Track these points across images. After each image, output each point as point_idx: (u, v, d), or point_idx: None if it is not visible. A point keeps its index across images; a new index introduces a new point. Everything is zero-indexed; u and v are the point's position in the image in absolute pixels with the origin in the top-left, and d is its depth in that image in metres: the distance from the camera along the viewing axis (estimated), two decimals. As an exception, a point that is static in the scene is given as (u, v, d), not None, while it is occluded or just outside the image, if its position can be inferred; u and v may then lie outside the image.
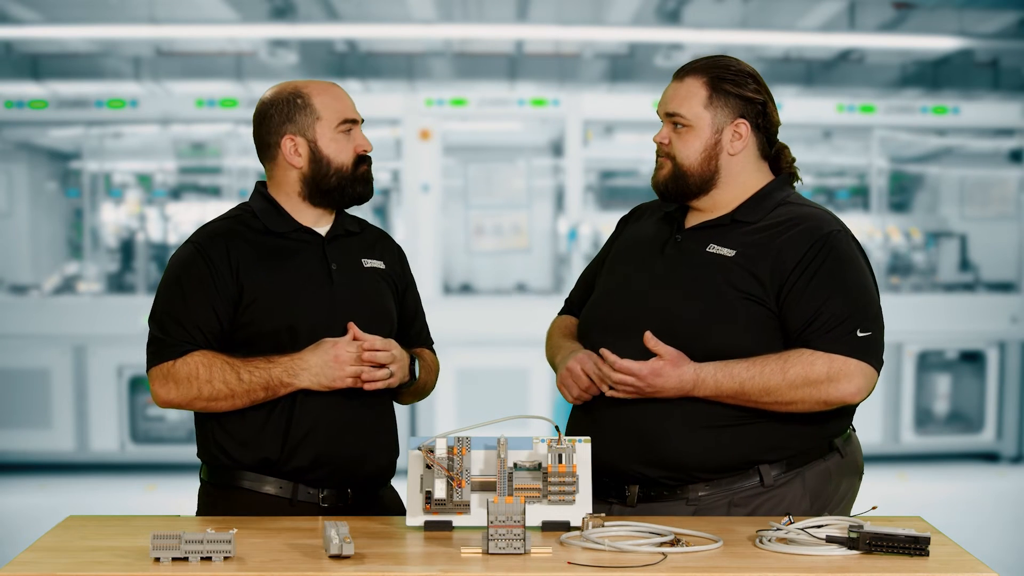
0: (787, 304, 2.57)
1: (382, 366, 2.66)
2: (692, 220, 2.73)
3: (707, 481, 2.59)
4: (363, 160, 2.77)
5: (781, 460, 2.61)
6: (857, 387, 2.54)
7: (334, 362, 2.63)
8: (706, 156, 2.66)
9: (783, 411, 2.56)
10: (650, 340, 2.56)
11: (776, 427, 2.59)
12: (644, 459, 2.60)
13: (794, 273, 2.57)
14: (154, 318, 2.71)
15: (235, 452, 2.69)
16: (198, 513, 2.75)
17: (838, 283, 2.57)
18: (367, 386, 2.66)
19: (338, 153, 2.74)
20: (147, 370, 2.70)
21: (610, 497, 2.65)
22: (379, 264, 2.84)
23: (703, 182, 2.67)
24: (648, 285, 2.68)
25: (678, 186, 2.68)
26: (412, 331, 2.91)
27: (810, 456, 2.64)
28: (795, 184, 2.77)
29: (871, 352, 2.56)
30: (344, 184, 2.75)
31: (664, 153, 2.71)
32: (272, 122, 2.76)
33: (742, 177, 2.69)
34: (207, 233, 2.76)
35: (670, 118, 2.69)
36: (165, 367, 2.65)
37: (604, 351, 2.60)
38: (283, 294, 2.69)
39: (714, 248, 2.64)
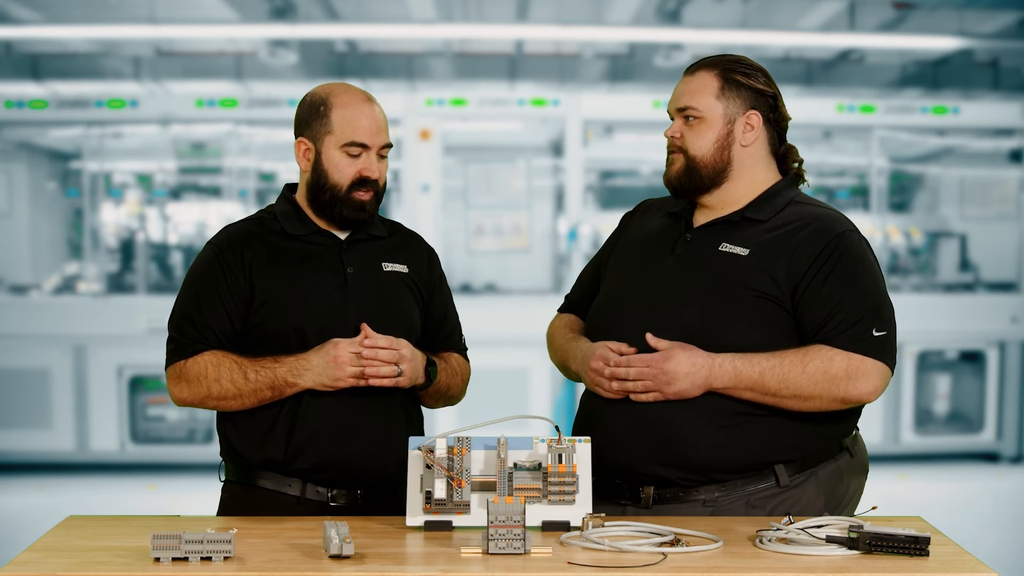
0: (802, 304, 2.58)
1: (389, 364, 2.66)
2: (701, 218, 2.72)
3: (723, 482, 2.59)
4: (363, 184, 2.74)
5: (795, 460, 2.61)
6: (874, 386, 2.55)
7: (334, 362, 2.63)
8: (719, 147, 2.66)
9: (800, 409, 2.56)
10: (651, 338, 2.56)
11: (790, 426, 2.59)
12: (660, 460, 2.59)
13: (808, 273, 2.58)
14: (172, 319, 2.76)
15: (246, 451, 2.73)
16: (219, 511, 2.78)
17: (853, 283, 2.58)
18: (373, 382, 2.65)
19: (335, 171, 2.74)
20: (164, 369, 2.75)
21: (624, 499, 2.64)
22: (401, 268, 2.84)
23: (715, 174, 2.67)
24: (659, 284, 2.67)
25: (691, 180, 2.68)
26: (440, 335, 2.90)
27: (822, 456, 2.65)
28: (800, 185, 2.78)
29: (886, 352, 2.58)
30: (335, 203, 2.75)
31: (675, 148, 2.70)
32: (298, 120, 2.80)
33: (753, 171, 2.69)
34: (225, 236, 2.80)
35: (682, 112, 2.69)
36: (178, 367, 2.70)
37: (615, 344, 2.58)
38: (294, 296, 2.71)
39: (727, 247, 2.64)
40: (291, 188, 2.87)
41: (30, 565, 2.18)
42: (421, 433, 2.83)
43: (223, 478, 2.81)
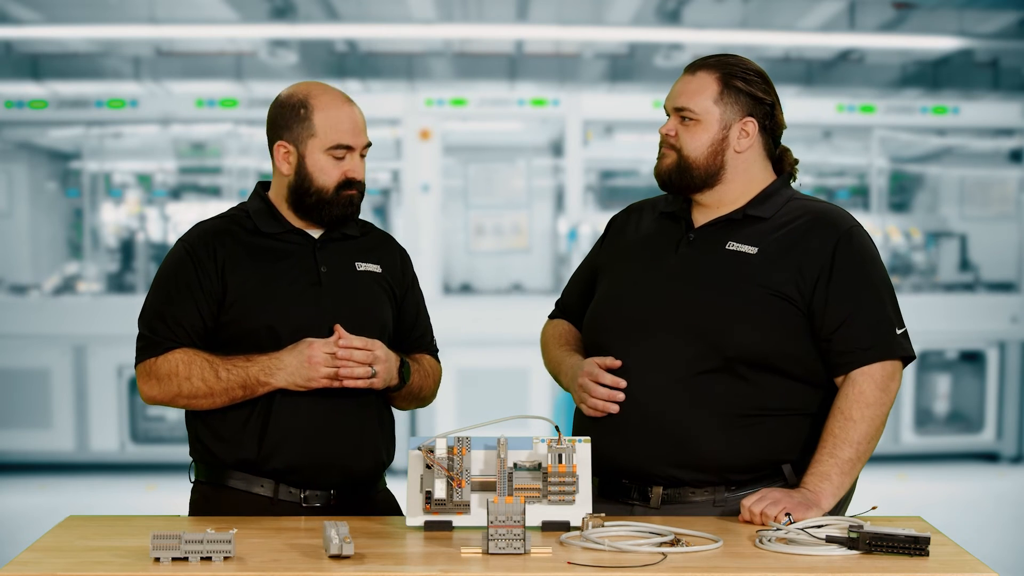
0: (817, 304, 2.58)
1: (364, 365, 2.63)
2: (700, 216, 2.71)
3: (734, 482, 2.59)
4: (349, 185, 2.72)
5: (802, 460, 2.60)
6: (900, 380, 2.62)
7: (308, 363, 2.61)
8: (712, 151, 2.65)
9: (880, 433, 2.58)
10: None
11: (801, 425, 2.61)
12: (674, 461, 2.58)
13: (823, 273, 2.58)
14: (143, 316, 2.73)
15: (218, 451, 2.69)
16: (190, 512, 2.75)
17: (869, 283, 2.60)
18: (347, 383, 2.63)
19: (321, 174, 2.71)
20: (134, 367, 2.72)
21: (631, 499, 2.63)
22: (375, 268, 2.82)
23: (707, 176, 2.66)
24: (665, 283, 2.66)
25: (682, 178, 2.67)
26: (412, 336, 2.88)
27: None
28: (792, 183, 2.78)
29: (908, 345, 2.63)
30: (322, 205, 2.72)
31: (669, 145, 2.69)
32: (275, 123, 2.77)
33: (748, 174, 2.68)
34: (197, 232, 2.78)
35: (678, 112, 2.68)
36: (148, 364, 2.68)
37: (601, 359, 2.61)
38: (266, 295, 2.69)
39: (734, 245, 2.63)
40: (264, 186, 2.84)
41: (30, 565, 2.18)
42: (392, 434, 2.82)
43: (193, 478, 2.76)
